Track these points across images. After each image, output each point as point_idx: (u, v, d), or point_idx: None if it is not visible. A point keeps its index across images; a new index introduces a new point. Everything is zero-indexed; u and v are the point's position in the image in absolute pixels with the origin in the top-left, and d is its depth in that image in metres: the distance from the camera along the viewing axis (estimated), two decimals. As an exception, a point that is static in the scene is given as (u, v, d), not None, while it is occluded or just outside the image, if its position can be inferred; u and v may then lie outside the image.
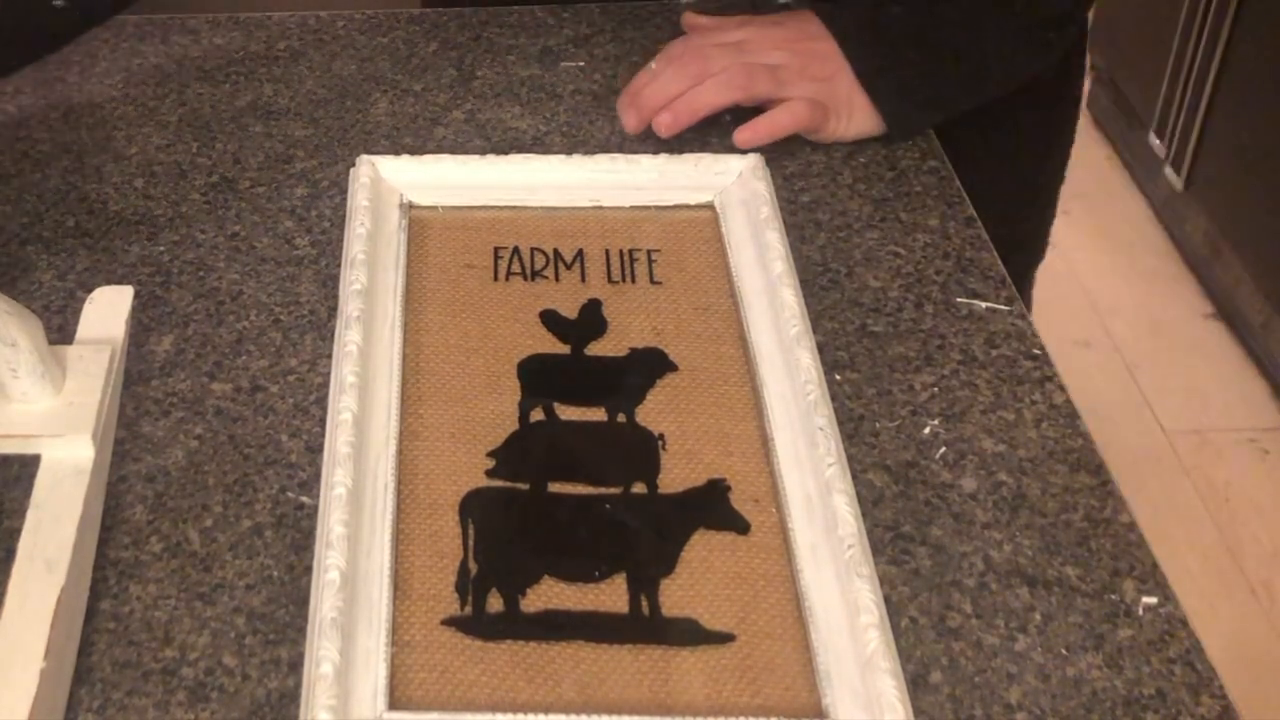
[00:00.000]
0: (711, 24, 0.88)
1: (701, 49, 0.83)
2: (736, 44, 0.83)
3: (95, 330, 0.67)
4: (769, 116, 0.82)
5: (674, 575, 0.59)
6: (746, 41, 0.84)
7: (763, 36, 0.84)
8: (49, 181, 0.80)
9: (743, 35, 0.84)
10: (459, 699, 0.54)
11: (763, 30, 0.85)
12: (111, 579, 0.59)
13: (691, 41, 0.84)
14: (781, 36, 0.84)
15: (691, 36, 0.86)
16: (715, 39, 0.84)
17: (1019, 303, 0.74)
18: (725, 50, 0.83)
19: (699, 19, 0.90)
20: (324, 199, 0.80)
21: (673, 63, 0.82)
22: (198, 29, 0.94)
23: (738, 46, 0.83)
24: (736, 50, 0.83)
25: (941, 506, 0.64)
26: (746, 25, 0.86)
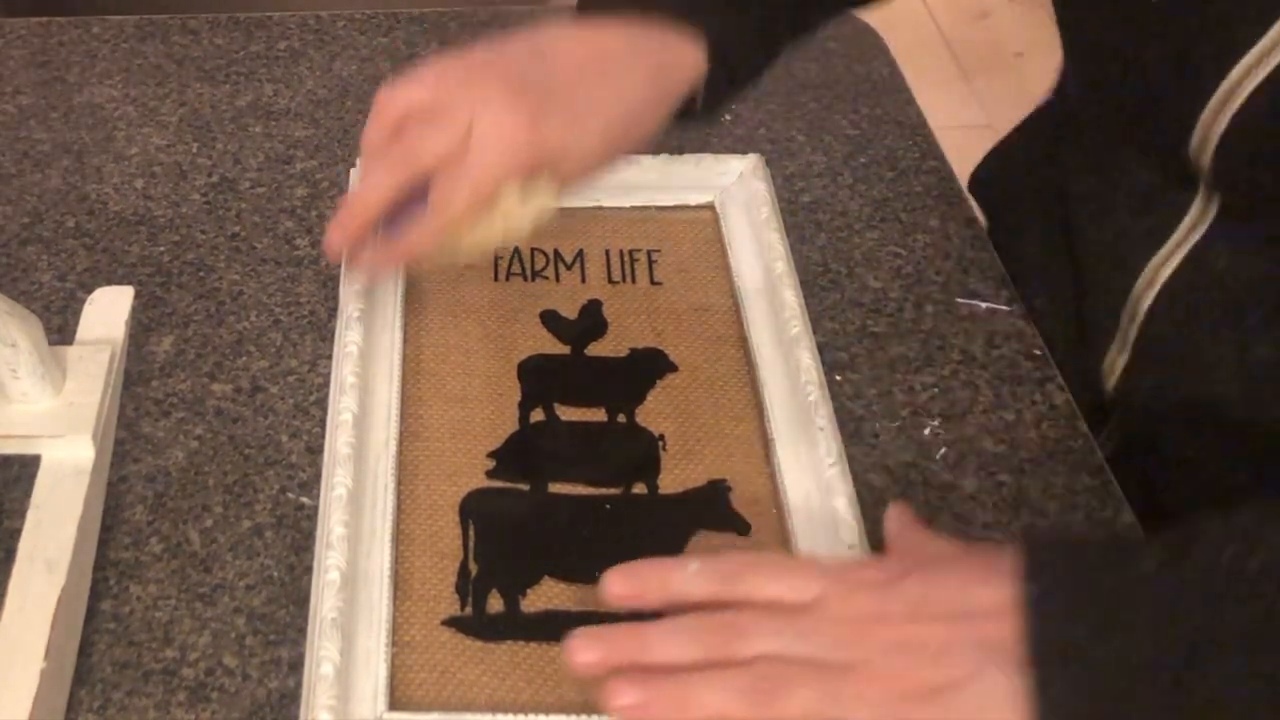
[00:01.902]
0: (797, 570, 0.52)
1: (742, 622, 0.50)
2: (807, 616, 0.50)
3: (95, 330, 0.67)
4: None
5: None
6: (823, 611, 0.50)
7: (867, 613, 0.50)
8: (49, 181, 0.80)
9: (823, 586, 0.51)
10: (459, 699, 0.54)
11: (878, 596, 0.50)
12: (111, 579, 0.59)
13: (743, 586, 0.51)
14: (905, 630, 0.49)
15: (758, 560, 0.53)
16: (788, 583, 0.51)
17: (1019, 303, 0.74)
18: (780, 630, 0.50)
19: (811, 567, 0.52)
20: (324, 199, 0.80)
21: (699, 623, 0.51)
22: (198, 29, 0.94)
23: (807, 629, 0.50)
24: (800, 634, 0.50)
25: (942, 507, 0.64)
26: (861, 573, 0.52)
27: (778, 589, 0.50)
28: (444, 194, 0.59)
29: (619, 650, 0.50)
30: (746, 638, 0.49)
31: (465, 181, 0.59)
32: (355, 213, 0.62)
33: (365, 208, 0.61)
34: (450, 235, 0.61)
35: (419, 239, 0.61)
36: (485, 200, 0.60)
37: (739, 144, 0.84)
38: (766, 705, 0.48)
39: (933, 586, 0.49)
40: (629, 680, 0.49)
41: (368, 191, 0.61)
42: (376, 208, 0.61)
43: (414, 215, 0.60)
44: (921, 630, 0.48)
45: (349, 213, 0.62)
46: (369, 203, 0.61)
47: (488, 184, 0.59)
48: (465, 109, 0.59)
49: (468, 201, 0.59)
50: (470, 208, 0.60)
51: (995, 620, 0.47)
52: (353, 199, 0.62)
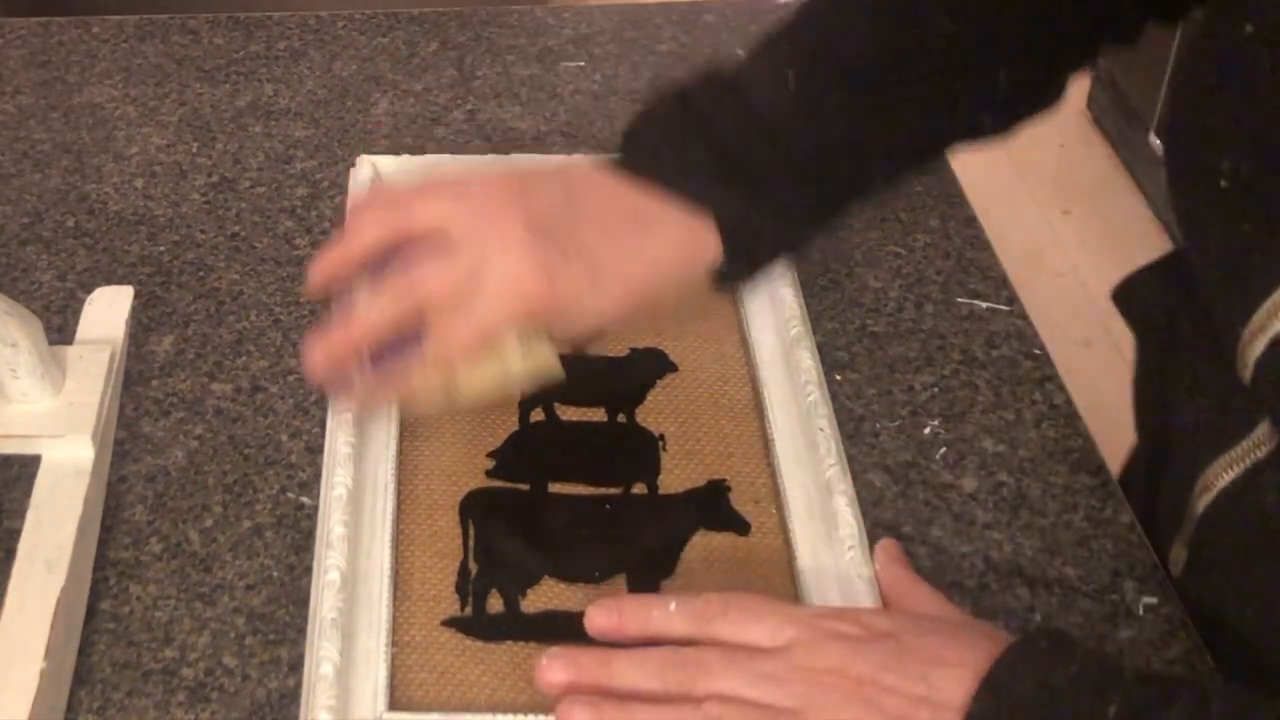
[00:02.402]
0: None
1: (705, 660, 0.51)
2: (771, 661, 0.51)
3: (95, 330, 0.67)
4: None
5: (674, 576, 0.59)
6: (788, 658, 0.51)
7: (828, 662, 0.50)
8: (49, 181, 0.80)
9: (795, 633, 0.51)
10: (459, 699, 0.54)
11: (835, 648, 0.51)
12: (111, 579, 0.59)
13: (716, 627, 0.52)
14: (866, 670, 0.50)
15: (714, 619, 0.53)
16: (761, 628, 0.52)
17: (1019, 303, 0.74)
18: (740, 672, 0.51)
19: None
20: (324, 199, 0.80)
21: (665, 657, 0.52)
22: (198, 29, 0.94)
23: (767, 674, 0.50)
24: (759, 678, 0.50)
25: (942, 507, 0.64)
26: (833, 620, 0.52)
27: (750, 633, 0.52)
28: (441, 334, 0.56)
29: (586, 674, 0.52)
30: (706, 676, 0.51)
31: (465, 325, 0.56)
32: (345, 340, 0.57)
33: (358, 337, 0.57)
34: (443, 377, 0.57)
35: (409, 376, 0.58)
36: (483, 347, 0.56)
37: (739, 144, 0.84)
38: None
39: (902, 657, 0.50)
40: (581, 702, 0.51)
41: (362, 320, 0.57)
42: (368, 337, 0.57)
43: (406, 349, 0.57)
44: (878, 695, 0.49)
45: (339, 339, 0.57)
46: (365, 330, 0.57)
47: (488, 332, 0.56)
48: (480, 244, 0.56)
49: (464, 346, 0.56)
50: (466, 353, 0.57)
51: (942, 715, 0.48)
52: (347, 325, 0.57)
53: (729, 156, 0.59)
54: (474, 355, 0.56)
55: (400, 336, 0.56)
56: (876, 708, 0.49)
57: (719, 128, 0.59)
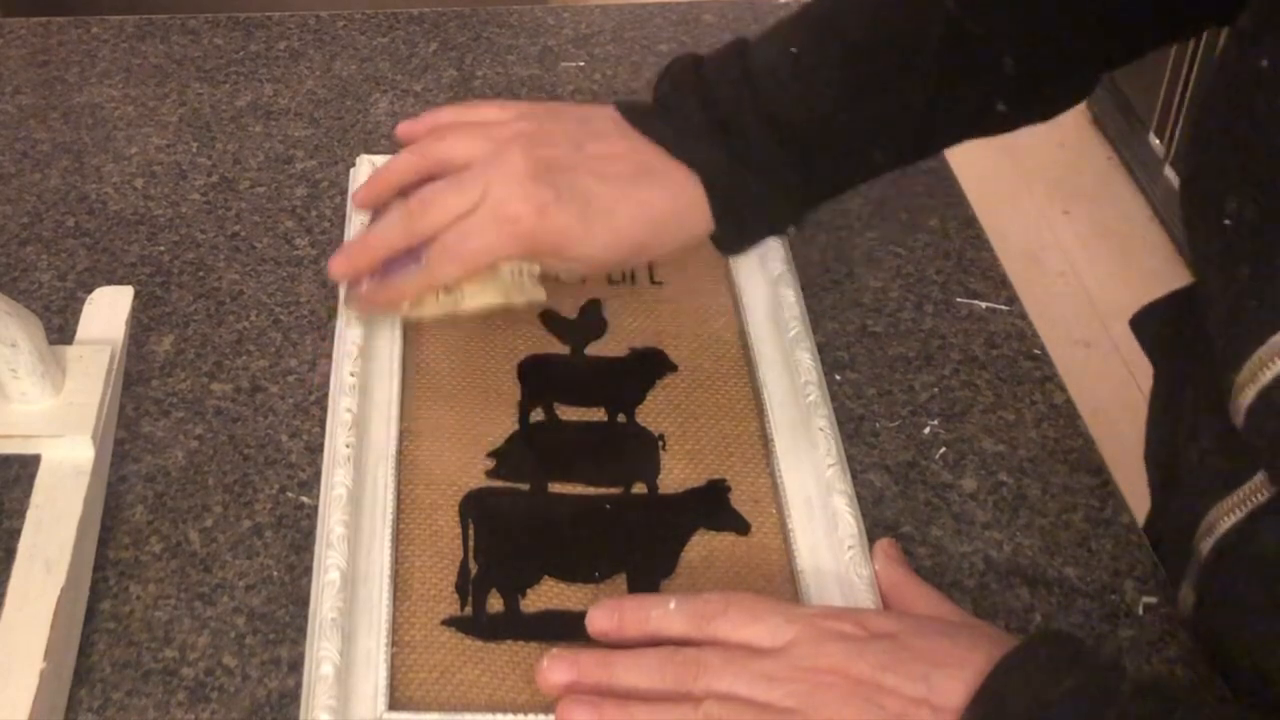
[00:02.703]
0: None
1: (705, 660, 0.52)
2: (770, 660, 0.51)
3: (95, 330, 0.67)
4: None
5: (674, 576, 0.59)
6: (788, 657, 0.51)
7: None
8: (49, 181, 0.80)
9: (795, 632, 0.52)
10: (459, 699, 0.54)
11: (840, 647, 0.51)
12: (111, 579, 0.59)
13: (716, 626, 0.53)
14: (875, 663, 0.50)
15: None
16: (761, 627, 0.52)
17: (1019, 303, 0.74)
18: (739, 672, 0.51)
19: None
20: (324, 199, 0.80)
21: (664, 657, 0.52)
22: (198, 29, 0.94)
23: (767, 673, 0.51)
24: (758, 678, 0.51)
25: (942, 506, 0.64)
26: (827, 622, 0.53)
27: (750, 632, 0.52)
28: (436, 258, 0.61)
29: (587, 675, 0.52)
30: (705, 675, 0.51)
31: (458, 253, 0.61)
32: (363, 249, 0.64)
33: (373, 249, 0.64)
34: (447, 292, 0.63)
35: (410, 287, 0.63)
36: (475, 273, 0.62)
37: (739, 144, 0.84)
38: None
39: (902, 657, 0.50)
40: (581, 702, 0.51)
41: (376, 238, 0.63)
42: (384, 251, 0.63)
43: (408, 262, 0.63)
44: (878, 695, 0.49)
45: (358, 248, 0.64)
46: (378, 244, 0.63)
47: (480, 254, 0.61)
48: (486, 179, 0.61)
49: (456, 273, 0.62)
50: (458, 279, 0.62)
51: (943, 716, 0.48)
52: (365, 237, 0.65)
53: (719, 117, 0.63)
54: (469, 274, 0.62)
55: (410, 252, 0.62)
56: (876, 708, 0.49)
57: (718, 91, 0.63)
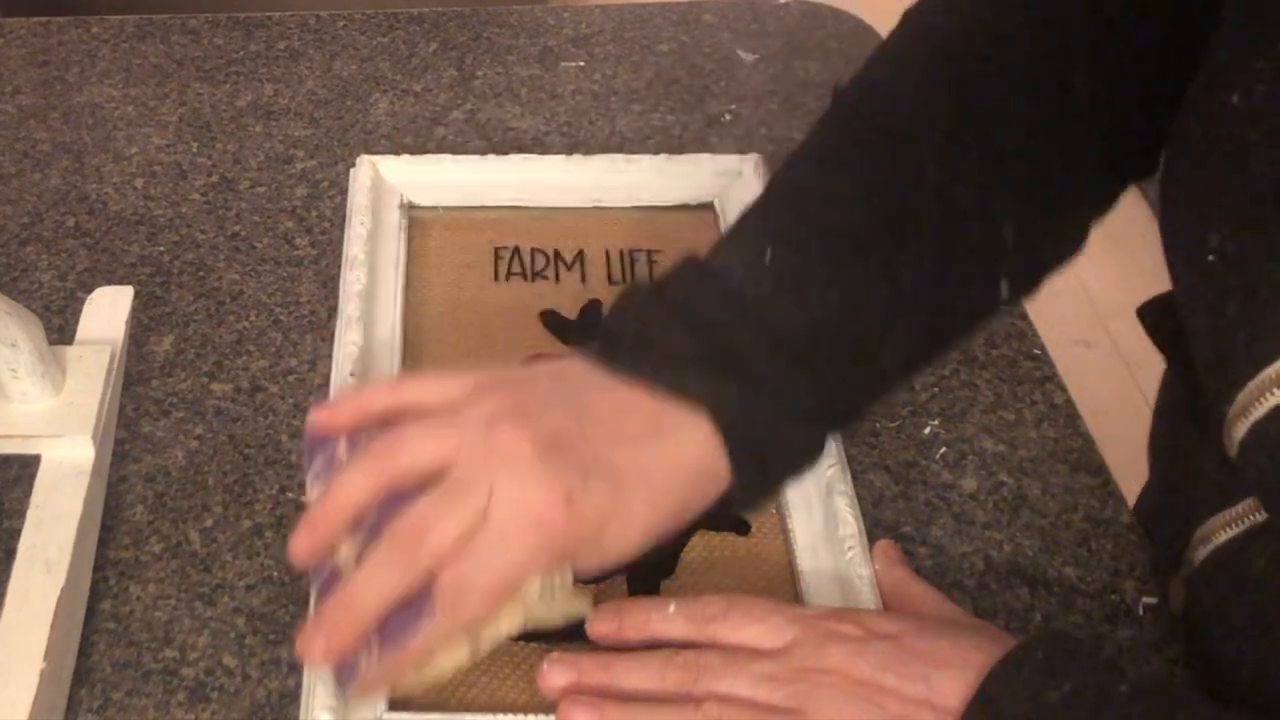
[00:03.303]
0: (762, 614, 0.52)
1: (705, 662, 0.51)
2: (771, 661, 0.51)
3: (95, 330, 0.67)
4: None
5: (674, 576, 0.59)
6: (789, 659, 0.51)
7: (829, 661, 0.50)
8: (49, 181, 0.80)
9: (796, 633, 0.52)
10: (459, 699, 0.54)
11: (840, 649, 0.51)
12: (111, 579, 0.59)
13: (716, 628, 0.52)
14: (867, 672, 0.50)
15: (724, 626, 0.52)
16: (762, 628, 0.52)
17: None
18: (740, 673, 0.50)
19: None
20: (324, 199, 0.80)
21: (665, 659, 0.52)
22: (198, 29, 0.94)
23: (768, 675, 0.50)
24: (759, 679, 0.50)
25: (942, 507, 0.64)
26: (823, 624, 0.52)
27: (750, 633, 0.52)
28: (454, 594, 0.48)
29: (588, 677, 0.52)
30: (706, 677, 0.50)
31: (480, 582, 0.48)
32: (347, 612, 0.48)
33: (361, 607, 0.48)
34: (462, 638, 0.50)
35: (423, 647, 0.49)
36: (503, 601, 0.49)
37: (739, 144, 0.84)
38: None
39: (902, 658, 0.50)
40: (581, 702, 0.51)
41: (366, 595, 0.48)
42: (375, 608, 0.48)
43: (415, 614, 0.48)
44: (878, 696, 0.49)
45: (340, 613, 0.48)
46: (367, 610, 0.48)
47: (509, 579, 0.48)
48: (484, 476, 0.48)
49: (483, 605, 0.48)
50: (486, 609, 0.49)
51: (943, 717, 0.48)
52: (348, 602, 0.48)
53: (715, 345, 0.52)
54: (497, 609, 0.49)
55: (407, 600, 0.48)
56: (876, 708, 0.49)
57: (701, 314, 0.53)
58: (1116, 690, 0.47)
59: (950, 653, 0.50)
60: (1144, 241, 2.39)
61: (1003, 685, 0.48)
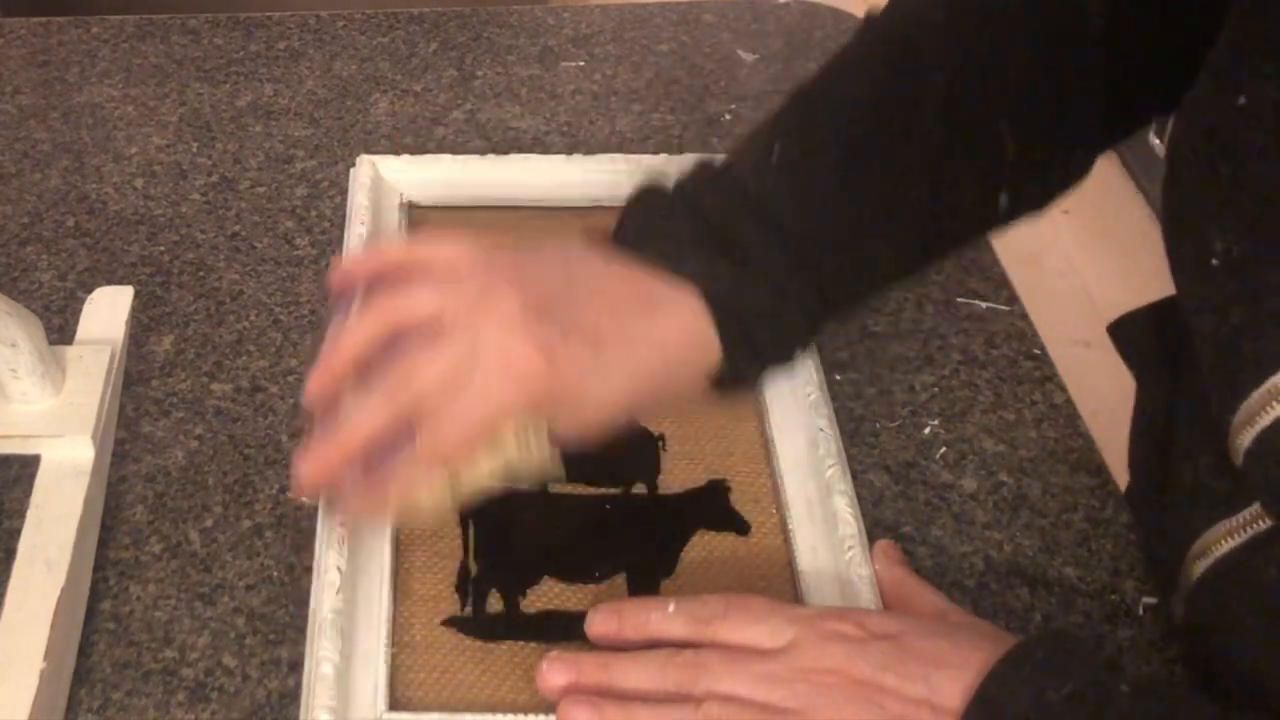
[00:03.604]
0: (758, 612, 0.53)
1: (705, 662, 0.51)
2: (771, 661, 0.51)
3: (95, 330, 0.67)
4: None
5: (674, 576, 0.59)
6: (789, 659, 0.51)
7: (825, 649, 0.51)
8: (49, 181, 0.80)
9: (795, 633, 0.52)
10: (459, 699, 0.54)
11: (841, 647, 0.51)
12: (111, 579, 0.59)
13: (716, 628, 0.53)
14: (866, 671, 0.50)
15: (728, 607, 0.53)
16: (762, 628, 0.52)
17: (1019, 303, 0.74)
18: (740, 672, 0.51)
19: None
20: (324, 199, 0.80)
21: (664, 658, 0.52)
22: (198, 29, 0.94)
23: (767, 674, 0.51)
24: (759, 679, 0.51)
25: (942, 507, 0.64)
26: (821, 622, 0.52)
27: (750, 633, 0.52)
28: (433, 431, 0.50)
29: (587, 676, 0.52)
30: (706, 677, 0.51)
31: (461, 416, 0.50)
32: (336, 444, 0.51)
33: (349, 444, 0.51)
34: (441, 476, 0.52)
35: (403, 481, 0.51)
36: (481, 441, 0.51)
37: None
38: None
39: (902, 658, 0.50)
40: (581, 702, 0.51)
41: (353, 428, 0.51)
42: (362, 445, 0.51)
43: (400, 450, 0.51)
44: (878, 696, 0.49)
45: (331, 448, 0.51)
46: (354, 439, 0.51)
47: (486, 420, 0.51)
48: (473, 327, 0.51)
49: (459, 444, 0.51)
50: (462, 451, 0.51)
51: (943, 717, 0.48)
52: (336, 435, 0.51)
53: (714, 230, 0.55)
54: (472, 449, 0.51)
55: (393, 437, 0.51)
56: (877, 708, 0.49)
57: (706, 204, 0.56)
58: (1117, 690, 0.47)
59: (950, 653, 0.50)
60: (1144, 241, 2.39)
61: (1003, 685, 0.48)
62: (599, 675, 0.52)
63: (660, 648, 0.53)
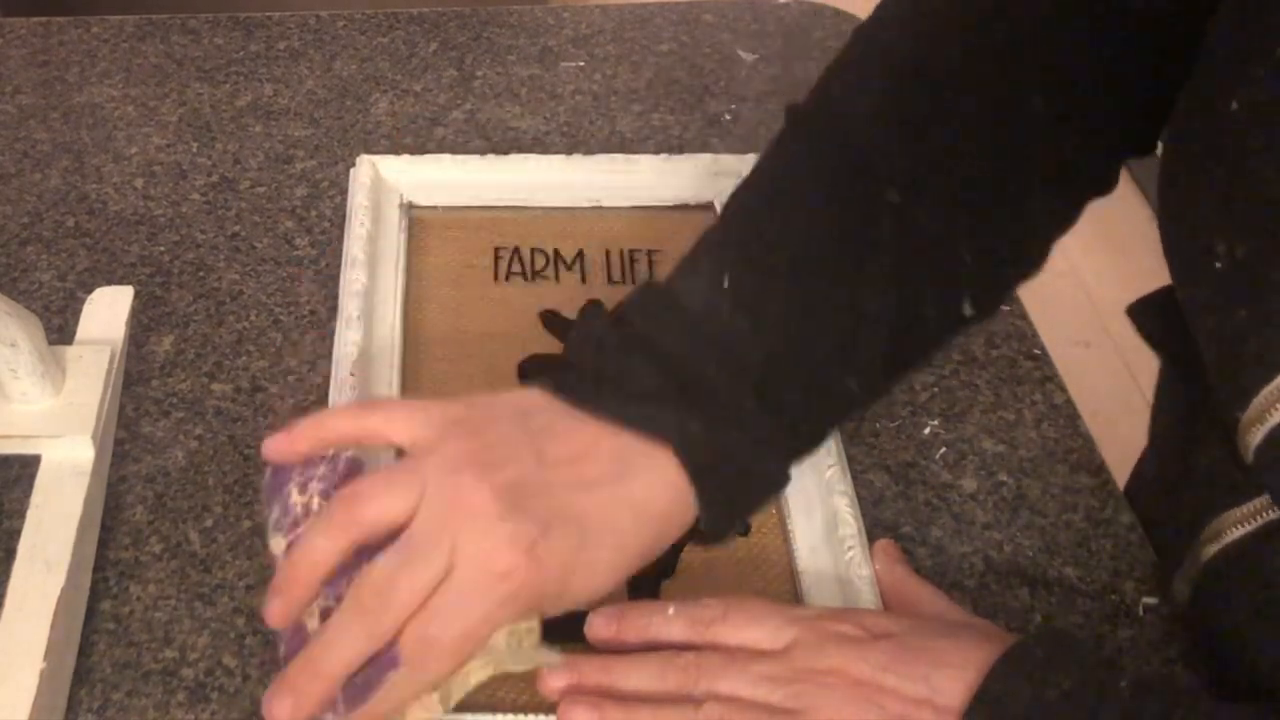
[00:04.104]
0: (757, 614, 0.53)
1: (706, 663, 0.51)
2: (772, 662, 0.51)
3: (95, 330, 0.67)
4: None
5: (674, 576, 0.59)
6: (789, 660, 0.51)
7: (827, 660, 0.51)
8: (49, 181, 0.80)
9: (796, 634, 0.52)
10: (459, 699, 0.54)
11: (836, 650, 0.51)
12: (111, 579, 0.59)
13: (716, 631, 0.52)
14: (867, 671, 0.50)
15: (715, 625, 0.53)
16: (761, 630, 0.52)
17: (1019, 303, 0.74)
18: (741, 674, 0.51)
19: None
20: (324, 199, 0.80)
21: (665, 660, 0.52)
22: (198, 29, 0.94)
23: (768, 675, 0.51)
24: (760, 680, 0.51)
25: (942, 507, 0.64)
26: (822, 624, 0.52)
27: (750, 635, 0.52)
28: (419, 655, 0.48)
29: (588, 679, 0.52)
30: (706, 677, 0.51)
31: (444, 642, 0.48)
32: (313, 674, 0.48)
33: (327, 671, 0.48)
34: (429, 694, 0.49)
35: (391, 702, 0.48)
36: (469, 655, 0.49)
37: (739, 144, 0.84)
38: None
39: (903, 658, 0.50)
40: (582, 702, 0.51)
41: (332, 658, 0.47)
42: (342, 670, 0.48)
43: (380, 670, 0.48)
44: (879, 696, 0.49)
45: (305, 674, 0.48)
46: (333, 671, 0.48)
47: (473, 637, 0.48)
48: (446, 531, 0.48)
49: (448, 660, 0.48)
50: (451, 665, 0.49)
51: (944, 717, 0.48)
52: (313, 664, 0.48)
53: (678, 379, 0.52)
54: (463, 663, 0.49)
55: (374, 660, 0.48)
56: (877, 708, 0.49)
57: (659, 345, 0.53)
58: (1116, 686, 0.47)
59: (950, 652, 0.50)
60: (1144, 241, 2.39)
61: (1004, 683, 0.48)
62: (600, 677, 0.52)
63: (660, 650, 0.53)
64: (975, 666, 0.48)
